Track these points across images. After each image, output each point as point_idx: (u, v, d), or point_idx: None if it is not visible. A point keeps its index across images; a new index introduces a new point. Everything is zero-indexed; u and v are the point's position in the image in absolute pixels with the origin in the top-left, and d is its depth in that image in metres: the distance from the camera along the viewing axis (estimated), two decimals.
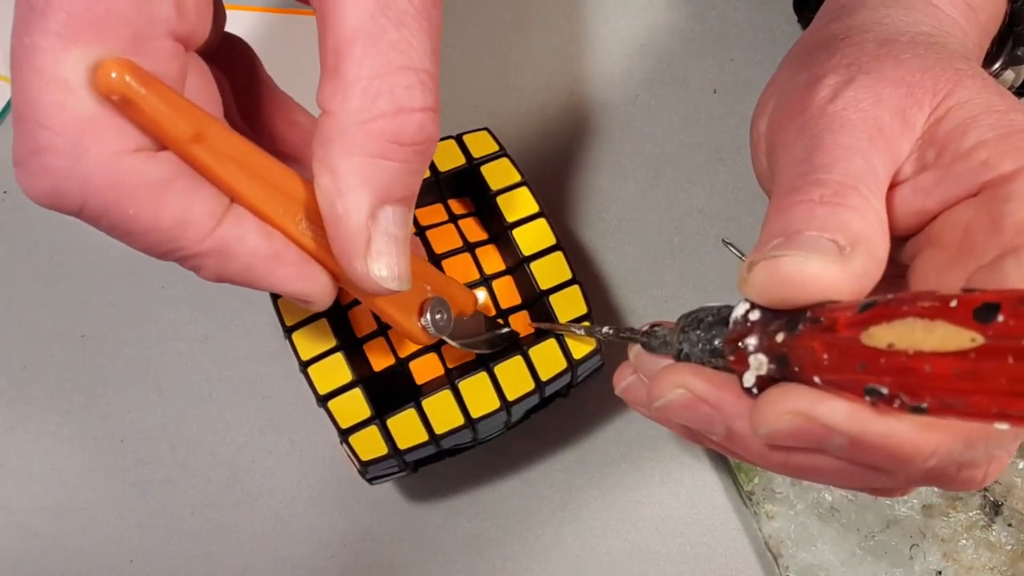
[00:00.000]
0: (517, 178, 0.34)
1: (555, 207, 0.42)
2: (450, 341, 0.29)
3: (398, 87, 0.20)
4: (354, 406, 0.30)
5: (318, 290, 0.23)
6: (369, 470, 0.31)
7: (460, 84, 0.44)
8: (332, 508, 0.39)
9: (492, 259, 0.34)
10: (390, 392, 0.31)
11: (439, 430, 0.30)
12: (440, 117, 0.22)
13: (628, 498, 0.39)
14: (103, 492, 0.39)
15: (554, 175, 0.43)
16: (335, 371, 0.30)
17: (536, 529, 0.38)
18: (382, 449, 0.30)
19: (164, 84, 0.19)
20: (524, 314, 0.33)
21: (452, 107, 0.43)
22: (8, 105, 0.42)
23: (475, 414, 0.30)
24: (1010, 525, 0.37)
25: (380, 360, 0.32)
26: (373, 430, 0.30)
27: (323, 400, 0.30)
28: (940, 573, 0.37)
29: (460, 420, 0.30)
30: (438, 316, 0.28)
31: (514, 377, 0.31)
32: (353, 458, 0.30)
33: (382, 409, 0.30)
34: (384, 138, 0.21)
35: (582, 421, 0.40)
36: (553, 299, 0.32)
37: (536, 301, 0.32)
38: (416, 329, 0.28)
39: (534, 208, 0.33)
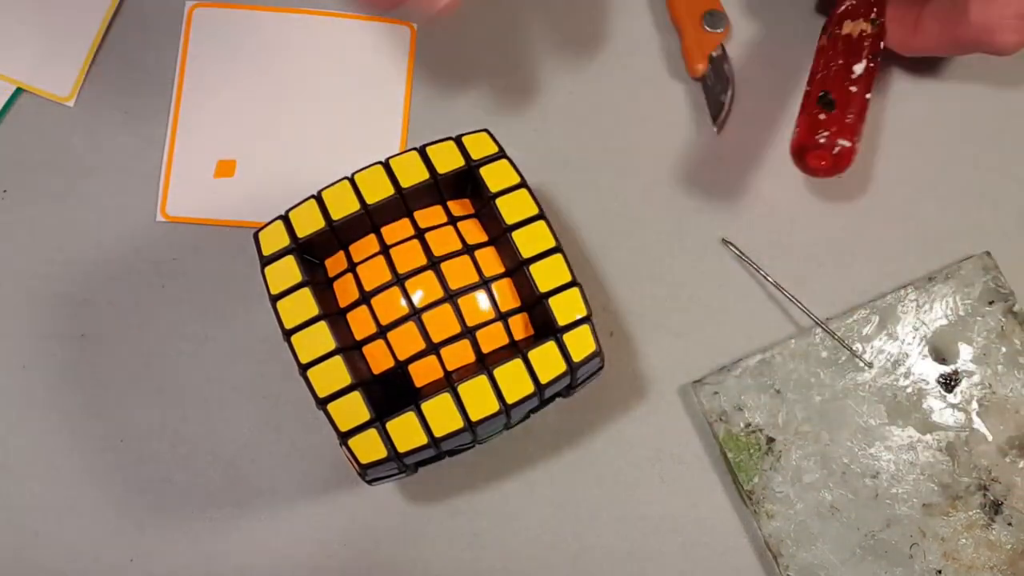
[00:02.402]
0: (516, 180, 0.33)
1: (555, 208, 0.42)
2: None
3: None
4: (353, 409, 0.30)
5: None
6: (369, 472, 0.31)
7: (460, 84, 0.44)
8: (332, 508, 0.39)
9: (491, 261, 0.33)
10: (389, 395, 0.31)
11: (438, 433, 0.30)
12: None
13: (628, 498, 0.39)
14: (103, 492, 0.39)
15: (554, 176, 0.43)
16: (334, 374, 0.30)
17: (536, 529, 0.38)
18: (381, 452, 0.30)
19: None
20: (523, 316, 0.33)
21: (452, 107, 0.43)
22: (7, 105, 0.42)
23: (474, 417, 0.30)
24: (1010, 524, 0.37)
25: (379, 363, 0.32)
26: (372, 433, 0.30)
27: (322, 403, 0.30)
28: (940, 572, 0.37)
29: (459, 423, 0.30)
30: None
31: (513, 380, 0.31)
32: (352, 461, 0.30)
33: (381, 412, 0.30)
34: None
35: (582, 421, 0.40)
36: (552, 301, 0.32)
37: (535, 304, 0.32)
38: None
39: (533, 210, 0.33)
